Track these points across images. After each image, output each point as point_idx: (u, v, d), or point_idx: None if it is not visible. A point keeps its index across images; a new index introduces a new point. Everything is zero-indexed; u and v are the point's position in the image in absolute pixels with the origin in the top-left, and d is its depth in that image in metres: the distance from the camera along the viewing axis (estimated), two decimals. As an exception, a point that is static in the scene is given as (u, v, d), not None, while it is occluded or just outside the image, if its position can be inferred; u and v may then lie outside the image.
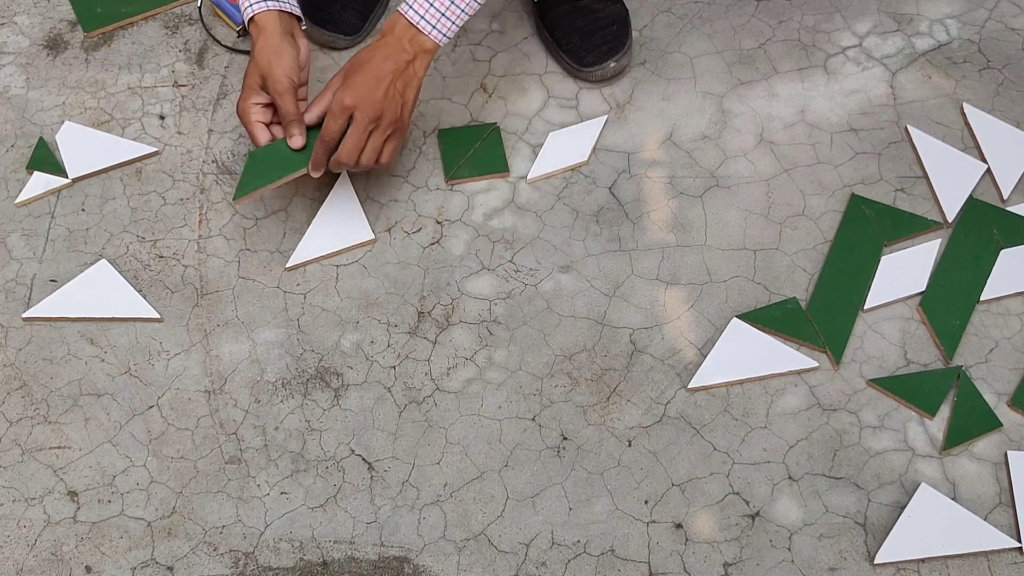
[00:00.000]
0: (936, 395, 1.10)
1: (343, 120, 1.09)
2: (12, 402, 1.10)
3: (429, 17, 1.09)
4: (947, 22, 1.38)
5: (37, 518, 1.04)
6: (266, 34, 1.13)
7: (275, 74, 1.12)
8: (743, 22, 1.38)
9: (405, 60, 1.10)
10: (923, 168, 1.25)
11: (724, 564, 1.02)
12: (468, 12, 1.10)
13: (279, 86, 1.12)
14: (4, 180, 1.25)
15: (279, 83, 1.12)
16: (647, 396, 1.11)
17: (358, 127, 1.09)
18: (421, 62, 1.11)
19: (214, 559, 1.02)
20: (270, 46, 1.13)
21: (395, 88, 1.09)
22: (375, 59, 1.09)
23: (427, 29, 1.09)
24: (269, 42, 1.13)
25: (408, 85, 1.11)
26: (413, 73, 1.11)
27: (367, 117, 1.08)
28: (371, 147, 1.11)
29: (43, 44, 1.37)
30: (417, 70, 1.11)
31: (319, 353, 1.14)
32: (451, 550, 1.03)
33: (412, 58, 1.10)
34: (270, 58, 1.12)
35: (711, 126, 1.29)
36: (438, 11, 1.09)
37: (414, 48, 1.10)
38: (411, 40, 1.10)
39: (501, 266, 1.19)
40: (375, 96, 1.08)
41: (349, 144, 1.10)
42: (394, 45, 1.10)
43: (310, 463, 1.07)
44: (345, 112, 1.08)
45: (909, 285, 1.17)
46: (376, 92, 1.08)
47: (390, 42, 1.10)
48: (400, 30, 1.10)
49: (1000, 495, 1.05)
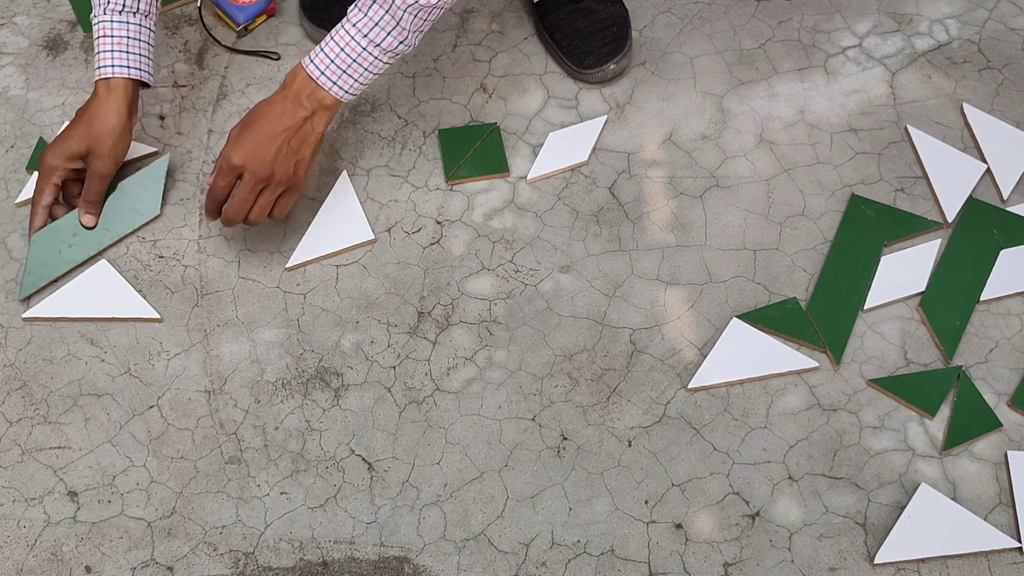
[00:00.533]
0: (936, 395, 1.10)
1: (231, 178, 1.08)
2: (12, 402, 1.10)
3: (329, 73, 1.06)
4: (947, 22, 1.38)
5: (37, 518, 1.04)
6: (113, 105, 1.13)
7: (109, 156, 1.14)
8: (743, 22, 1.38)
9: (302, 116, 1.07)
10: (923, 168, 1.25)
11: (724, 564, 1.02)
12: (372, 71, 1.07)
13: (105, 170, 1.14)
14: (4, 180, 1.25)
15: (106, 167, 1.14)
16: (647, 396, 1.11)
17: (246, 187, 1.07)
18: (320, 118, 1.08)
19: (214, 559, 1.02)
20: (115, 123, 1.13)
21: (288, 147, 1.07)
22: (270, 116, 1.07)
23: (327, 85, 1.06)
24: (115, 117, 1.13)
25: (304, 142, 1.08)
26: (311, 129, 1.08)
27: (255, 178, 1.07)
28: (260, 205, 1.09)
29: (43, 45, 1.37)
30: (315, 126, 1.08)
31: (319, 353, 1.14)
32: (451, 550, 1.03)
33: (310, 114, 1.07)
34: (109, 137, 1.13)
35: (711, 126, 1.29)
36: (339, 68, 1.05)
37: (312, 104, 1.07)
38: (310, 95, 1.07)
39: (501, 266, 1.19)
40: (265, 156, 1.06)
41: (235, 203, 1.09)
42: (292, 100, 1.07)
43: (310, 463, 1.07)
44: (233, 171, 1.07)
45: (909, 285, 1.17)
46: (266, 152, 1.06)
47: (287, 96, 1.07)
48: (299, 84, 1.07)
49: (1000, 495, 1.05)
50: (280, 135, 1.06)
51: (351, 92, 1.08)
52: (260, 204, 1.10)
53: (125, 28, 1.14)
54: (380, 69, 1.07)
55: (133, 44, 1.14)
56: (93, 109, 1.14)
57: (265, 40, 1.38)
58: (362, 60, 1.06)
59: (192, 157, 1.27)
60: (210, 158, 1.27)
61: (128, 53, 1.14)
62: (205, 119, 1.30)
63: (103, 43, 1.14)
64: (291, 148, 1.07)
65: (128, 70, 1.14)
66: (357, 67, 1.06)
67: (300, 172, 1.10)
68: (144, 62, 1.16)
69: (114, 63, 1.13)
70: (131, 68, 1.14)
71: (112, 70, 1.13)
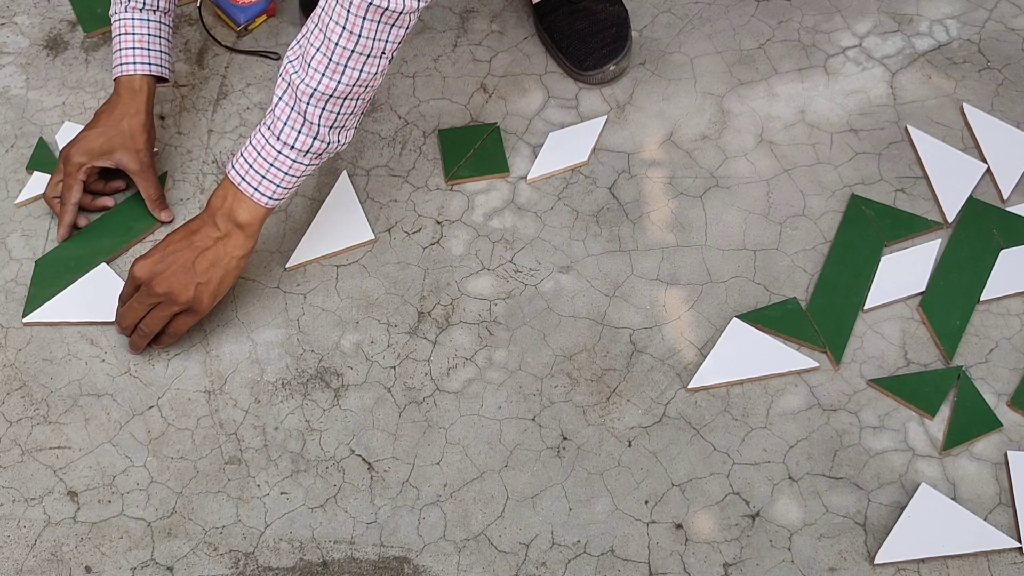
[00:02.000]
0: (936, 395, 1.10)
1: (132, 288, 1.07)
2: (12, 402, 1.10)
3: (249, 179, 1.03)
4: (947, 22, 1.38)
5: (37, 518, 1.04)
6: (139, 103, 1.15)
7: (146, 150, 1.15)
8: (743, 22, 1.38)
9: (214, 237, 1.04)
10: (923, 168, 1.25)
11: (724, 564, 1.02)
12: (293, 174, 1.03)
13: (147, 163, 1.16)
14: (4, 180, 1.25)
15: (146, 161, 1.16)
16: (647, 396, 1.11)
17: (139, 297, 1.06)
18: (235, 240, 1.05)
19: (214, 559, 1.02)
20: (143, 120, 1.15)
21: (192, 269, 1.04)
22: (185, 232, 1.05)
23: (248, 191, 1.03)
24: (143, 115, 1.15)
25: (213, 266, 1.04)
26: (223, 252, 1.05)
27: (148, 291, 1.05)
28: (152, 319, 1.06)
29: (43, 44, 1.37)
30: (230, 249, 1.05)
31: (319, 353, 1.14)
32: (451, 550, 1.03)
33: (223, 235, 1.04)
34: (142, 133, 1.15)
35: (711, 126, 1.29)
36: (258, 173, 1.02)
37: (226, 225, 1.04)
38: (225, 213, 1.04)
39: (501, 266, 1.19)
40: (164, 273, 1.04)
41: (124, 309, 1.07)
42: (208, 220, 1.05)
43: (310, 463, 1.07)
44: (134, 282, 1.06)
45: (909, 285, 1.17)
46: (167, 270, 1.04)
47: (205, 216, 1.05)
48: (215, 200, 1.05)
49: (1000, 495, 1.05)
50: (185, 253, 1.04)
51: (274, 198, 1.04)
52: (152, 316, 1.06)
53: (146, 25, 1.16)
54: (302, 171, 1.03)
55: (154, 41, 1.16)
56: (120, 108, 1.15)
57: (265, 40, 1.38)
58: (280, 164, 1.02)
59: (192, 157, 1.27)
60: (210, 158, 1.27)
61: (149, 50, 1.16)
62: (205, 119, 1.30)
63: (124, 40, 1.15)
64: (195, 270, 1.04)
65: (150, 67, 1.16)
66: (276, 171, 1.02)
67: (203, 296, 1.05)
68: (164, 58, 1.18)
69: (136, 60, 1.15)
70: (152, 65, 1.16)
71: (134, 67, 1.15)
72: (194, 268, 1.04)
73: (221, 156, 1.27)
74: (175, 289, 1.04)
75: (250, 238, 1.06)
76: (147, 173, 1.17)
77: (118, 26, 1.16)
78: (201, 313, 1.07)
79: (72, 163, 1.15)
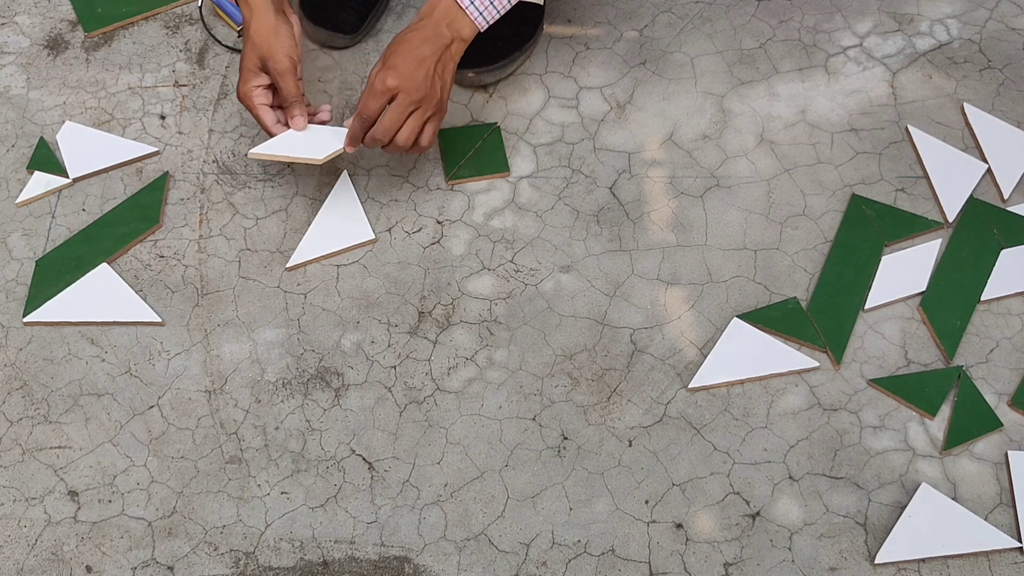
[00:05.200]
0: (937, 395, 1.10)
1: (383, 100, 1.09)
2: (12, 402, 1.10)
3: (478, 2, 1.09)
4: (948, 22, 1.38)
5: (38, 518, 1.04)
6: (260, 13, 1.12)
7: (275, 54, 1.12)
8: (744, 22, 1.38)
9: (443, 44, 1.09)
10: (924, 168, 1.25)
11: (724, 564, 1.02)
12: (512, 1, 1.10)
13: (280, 66, 1.12)
14: (4, 180, 1.25)
15: (280, 63, 1.12)
16: (647, 396, 1.11)
17: (398, 107, 1.09)
18: (457, 47, 1.11)
19: (214, 559, 1.02)
20: (267, 26, 1.12)
21: (435, 71, 1.09)
22: (415, 40, 1.09)
23: (473, 13, 1.09)
24: (265, 21, 1.12)
25: (447, 68, 1.11)
26: (450, 57, 1.11)
27: (408, 98, 1.08)
28: (408, 127, 1.11)
29: (44, 44, 1.37)
30: (454, 55, 1.11)
31: (319, 353, 1.14)
32: (451, 550, 1.03)
33: (449, 42, 1.10)
34: (268, 38, 1.12)
35: (712, 126, 1.29)
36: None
37: (452, 32, 1.10)
38: (449, 24, 1.09)
39: (502, 266, 1.19)
40: (416, 77, 1.08)
41: (387, 121, 1.10)
42: (432, 29, 1.09)
43: (310, 463, 1.07)
44: (387, 93, 1.08)
45: (910, 285, 1.17)
46: (418, 73, 1.08)
47: (428, 25, 1.10)
48: (439, 14, 1.10)
49: (1000, 495, 1.05)
50: (428, 58, 1.08)
51: (489, 21, 1.11)
52: (409, 126, 1.10)
53: None
54: None
55: None
56: (252, 24, 1.13)
57: (266, 40, 1.37)
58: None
59: (193, 156, 1.27)
60: (211, 158, 1.27)
61: None
62: (206, 118, 1.30)
63: None
64: (438, 72, 1.09)
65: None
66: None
67: (445, 97, 1.12)
68: None
69: None
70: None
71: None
72: (436, 71, 1.09)
73: (222, 156, 1.27)
74: (429, 94, 1.09)
75: (464, 48, 1.12)
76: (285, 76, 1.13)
77: None
78: (443, 115, 1.14)
79: (244, 97, 1.14)
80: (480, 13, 1.10)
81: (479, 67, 1.29)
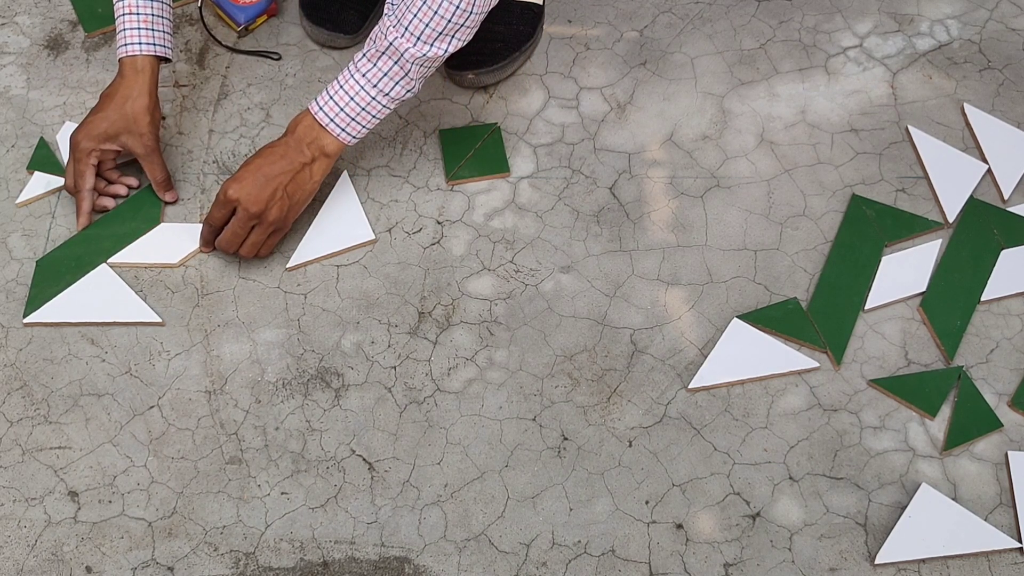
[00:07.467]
0: (937, 395, 1.10)
1: (226, 211, 1.12)
2: (13, 402, 1.10)
3: (339, 121, 1.10)
4: (948, 22, 1.38)
5: (38, 518, 1.04)
6: (143, 84, 1.16)
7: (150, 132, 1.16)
8: (744, 22, 1.38)
9: (301, 162, 1.11)
10: (924, 168, 1.25)
11: (725, 564, 1.02)
12: (378, 117, 1.11)
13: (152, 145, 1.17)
14: (4, 180, 1.25)
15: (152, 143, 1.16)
16: (648, 396, 1.11)
17: (239, 220, 1.12)
18: (319, 165, 1.13)
19: (215, 559, 1.02)
20: (148, 102, 1.16)
21: (284, 191, 1.11)
22: (271, 157, 1.11)
23: (335, 132, 1.11)
24: (147, 96, 1.16)
25: (299, 188, 1.12)
26: (308, 176, 1.12)
27: (247, 213, 1.11)
28: (251, 242, 1.14)
29: (44, 44, 1.37)
30: (313, 174, 1.13)
31: (319, 353, 1.14)
32: (451, 550, 1.03)
33: (309, 161, 1.12)
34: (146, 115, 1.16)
35: (712, 126, 1.29)
36: (348, 116, 1.10)
37: (313, 151, 1.12)
38: (311, 143, 1.11)
39: (502, 266, 1.19)
40: (259, 194, 1.10)
41: (228, 233, 1.14)
42: (294, 146, 1.12)
43: (311, 463, 1.07)
44: (228, 204, 1.12)
45: (910, 285, 1.17)
46: (262, 192, 1.10)
47: (290, 142, 1.12)
48: (302, 131, 1.11)
49: (1001, 495, 1.05)
50: (277, 177, 1.11)
51: (356, 137, 1.12)
52: (250, 241, 1.14)
53: (149, 6, 1.17)
54: (384, 115, 1.12)
55: (157, 21, 1.17)
56: (123, 90, 1.16)
57: (266, 40, 1.38)
58: (371, 108, 1.10)
59: (193, 157, 1.27)
60: (211, 158, 1.27)
61: (153, 31, 1.17)
62: (206, 119, 1.30)
63: (128, 21, 1.16)
64: (286, 192, 1.11)
65: (154, 47, 1.17)
66: (365, 115, 1.10)
67: (290, 217, 1.14)
68: (167, 39, 1.19)
69: (141, 41, 1.16)
70: (156, 45, 1.17)
71: (140, 47, 1.16)
72: (286, 190, 1.11)
73: (222, 156, 1.27)
74: (271, 210, 1.11)
75: (328, 168, 1.14)
76: (153, 156, 1.18)
77: (121, 7, 1.16)
78: (286, 232, 1.16)
79: (80, 149, 1.16)
80: (343, 130, 1.11)
81: (479, 68, 1.29)
